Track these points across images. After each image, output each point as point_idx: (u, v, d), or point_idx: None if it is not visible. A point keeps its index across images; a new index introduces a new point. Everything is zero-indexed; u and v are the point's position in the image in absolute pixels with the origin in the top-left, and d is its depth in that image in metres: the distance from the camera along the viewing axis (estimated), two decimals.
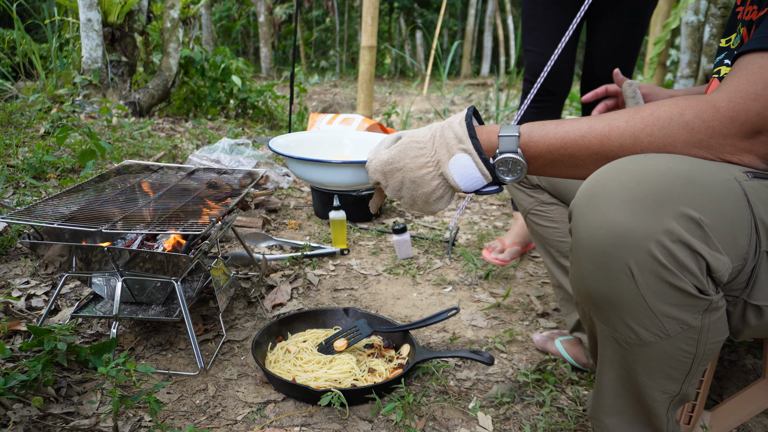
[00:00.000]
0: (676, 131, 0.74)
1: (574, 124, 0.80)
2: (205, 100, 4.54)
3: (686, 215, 0.67)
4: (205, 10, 10.40)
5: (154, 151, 3.03)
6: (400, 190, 0.87)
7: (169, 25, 4.27)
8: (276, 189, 2.74)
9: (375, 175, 0.87)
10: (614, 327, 0.76)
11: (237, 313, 1.61)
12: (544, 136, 0.81)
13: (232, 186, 1.58)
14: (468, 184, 0.84)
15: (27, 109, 3.39)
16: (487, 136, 0.84)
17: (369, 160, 0.89)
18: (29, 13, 6.30)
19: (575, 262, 0.77)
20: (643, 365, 0.77)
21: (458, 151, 0.82)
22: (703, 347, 0.75)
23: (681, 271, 0.68)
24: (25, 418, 1.08)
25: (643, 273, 0.69)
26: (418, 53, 14.84)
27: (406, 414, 1.19)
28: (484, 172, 0.82)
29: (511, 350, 1.50)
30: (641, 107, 0.77)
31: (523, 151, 0.82)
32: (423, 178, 0.84)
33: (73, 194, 1.42)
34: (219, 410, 1.20)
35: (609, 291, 0.73)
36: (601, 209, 0.71)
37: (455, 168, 0.83)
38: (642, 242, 0.68)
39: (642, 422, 0.85)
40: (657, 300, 0.70)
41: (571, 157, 0.80)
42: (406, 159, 0.85)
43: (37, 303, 1.55)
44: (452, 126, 0.84)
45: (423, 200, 0.87)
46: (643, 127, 0.75)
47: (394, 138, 0.89)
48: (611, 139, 0.77)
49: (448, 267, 2.04)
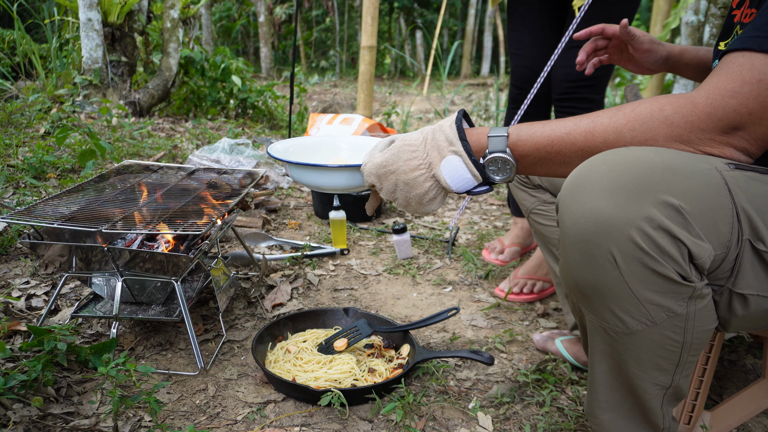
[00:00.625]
0: (656, 126, 0.77)
1: (560, 123, 0.83)
2: (205, 100, 4.54)
3: (666, 203, 0.69)
4: (205, 10, 10.40)
5: (154, 151, 3.03)
6: (394, 192, 0.90)
7: (169, 25, 4.27)
8: (276, 189, 2.74)
9: (370, 178, 0.90)
10: (602, 316, 0.78)
11: (237, 313, 1.61)
12: (532, 135, 0.84)
13: (232, 186, 1.58)
14: (459, 185, 0.87)
15: (27, 109, 3.39)
16: (477, 137, 0.87)
17: (364, 163, 0.91)
18: (29, 13, 6.29)
19: (563, 252, 0.79)
20: (632, 355, 0.79)
21: (449, 153, 0.85)
22: (691, 336, 0.76)
23: (663, 258, 0.70)
24: (25, 418, 1.08)
25: (625, 259, 0.71)
26: (418, 53, 14.84)
27: (406, 414, 1.19)
28: (474, 172, 0.85)
29: (511, 350, 1.50)
30: (623, 105, 0.81)
31: (511, 150, 0.85)
32: (416, 180, 0.87)
33: (73, 194, 1.42)
34: (219, 410, 1.20)
35: (594, 279, 0.74)
36: (584, 198, 0.73)
37: (447, 170, 0.86)
38: (623, 229, 0.70)
39: (638, 418, 0.86)
40: (641, 287, 0.72)
41: (558, 154, 0.83)
42: (399, 162, 0.88)
43: (37, 303, 1.55)
44: (443, 129, 0.87)
45: (417, 201, 0.90)
46: (625, 122, 0.78)
47: (388, 142, 0.92)
48: (595, 134, 0.80)
49: (448, 267, 2.04)
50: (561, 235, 0.78)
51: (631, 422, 0.86)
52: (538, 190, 1.43)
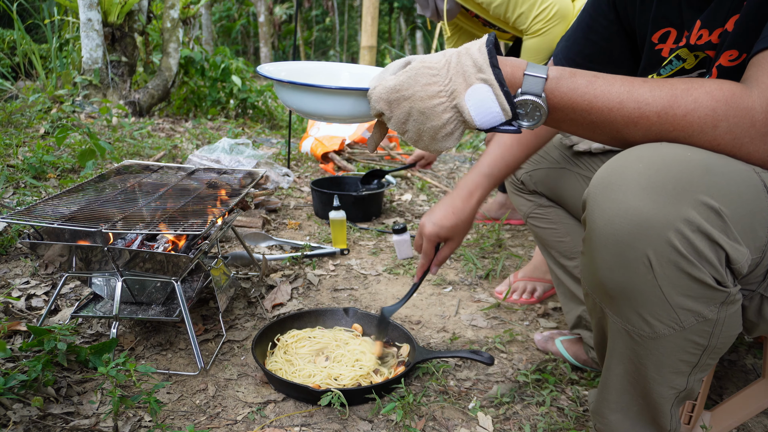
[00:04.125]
0: (702, 143, 0.71)
1: (605, 90, 0.73)
2: (205, 100, 4.54)
3: (706, 204, 0.65)
4: (205, 10, 10.40)
5: (154, 151, 3.03)
6: (405, 123, 0.77)
7: (169, 25, 4.27)
8: (276, 189, 2.73)
9: (378, 104, 0.77)
10: (627, 319, 0.74)
11: (237, 313, 1.61)
12: (573, 90, 0.74)
13: (232, 186, 1.58)
14: (484, 120, 0.75)
15: (27, 109, 3.39)
16: (511, 69, 0.75)
17: (372, 87, 0.78)
18: (29, 13, 6.30)
19: (588, 252, 0.75)
20: (653, 359, 0.76)
21: (477, 81, 0.73)
22: (716, 341, 0.74)
23: (700, 262, 0.66)
24: (25, 418, 1.08)
25: (661, 262, 0.67)
26: (418, 53, 14.84)
27: (406, 414, 1.19)
28: (504, 106, 0.73)
29: (511, 350, 1.50)
30: (679, 97, 0.71)
31: (546, 97, 0.74)
32: (434, 109, 0.75)
33: (73, 194, 1.42)
34: (219, 410, 1.20)
35: (625, 281, 0.70)
36: (619, 197, 0.68)
37: (472, 100, 0.73)
38: (661, 231, 0.66)
39: (645, 419, 0.85)
40: (674, 291, 0.69)
41: (592, 123, 0.75)
42: (416, 86, 0.75)
43: (37, 303, 1.55)
44: (471, 52, 0.74)
45: (430, 136, 0.77)
46: (672, 128, 0.71)
47: (403, 63, 0.79)
48: (637, 126, 0.73)
49: (448, 267, 2.04)
50: (589, 235, 0.73)
51: (638, 423, 0.85)
52: (534, 195, 1.43)
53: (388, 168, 2.87)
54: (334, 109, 0.82)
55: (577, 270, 1.36)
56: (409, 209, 2.72)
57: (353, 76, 0.98)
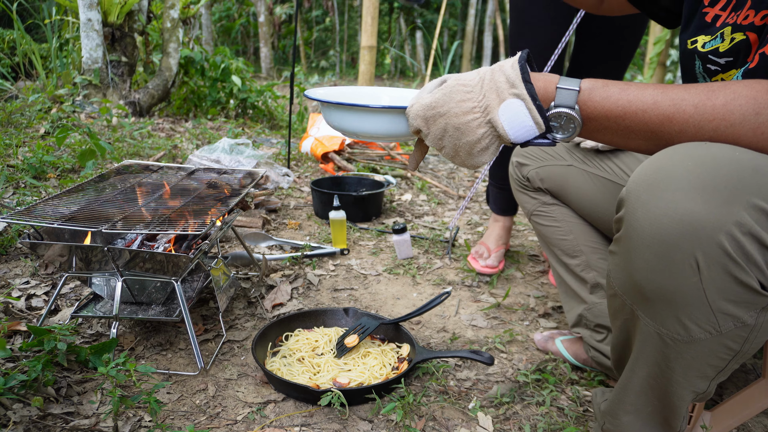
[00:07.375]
0: (743, 132, 0.69)
1: (639, 95, 0.73)
2: (205, 100, 4.54)
3: (757, 206, 0.63)
4: (205, 10, 10.40)
5: (154, 151, 3.03)
6: (442, 139, 0.80)
7: (169, 25, 4.27)
8: (276, 189, 2.73)
9: (416, 121, 0.80)
10: (662, 322, 0.72)
11: (237, 313, 1.61)
12: (606, 99, 0.75)
13: (232, 186, 1.58)
14: (518, 134, 0.77)
15: (27, 109, 3.39)
16: (544, 84, 0.77)
17: (410, 105, 0.81)
18: (29, 13, 6.29)
19: (625, 253, 0.72)
20: (683, 363, 0.74)
21: (510, 96, 0.75)
22: (748, 346, 0.72)
23: (748, 265, 0.65)
24: (25, 418, 1.08)
25: (709, 266, 0.65)
26: (418, 53, 14.83)
27: (406, 414, 1.19)
28: (537, 120, 0.75)
29: (511, 350, 1.50)
30: (716, 90, 0.70)
31: (580, 109, 0.76)
32: (468, 125, 0.77)
33: (73, 194, 1.42)
34: (219, 410, 1.20)
35: (667, 284, 0.68)
36: (667, 196, 0.66)
37: (506, 115, 0.75)
38: (712, 233, 0.64)
39: (657, 420, 0.84)
40: (718, 295, 0.67)
41: (626, 129, 0.75)
42: (451, 103, 0.77)
43: (37, 303, 1.55)
44: (504, 69, 0.77)
45: (466, 151, 0.79)
46: (711, 119, 0.70)
47: (439, 82, 0.82)
48: (674, 122, 0.72)
49: (448, 267, 2.04)
50: (629, 233, 0.71)
51: (649, 423, 0.85)
52: (538, 192, 1.44)
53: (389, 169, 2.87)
54: (376, 127, 0.87)
55: (579, 268, 1.36)
56: (409, 209, 2.72)
57: (392, 99, 1.04)
